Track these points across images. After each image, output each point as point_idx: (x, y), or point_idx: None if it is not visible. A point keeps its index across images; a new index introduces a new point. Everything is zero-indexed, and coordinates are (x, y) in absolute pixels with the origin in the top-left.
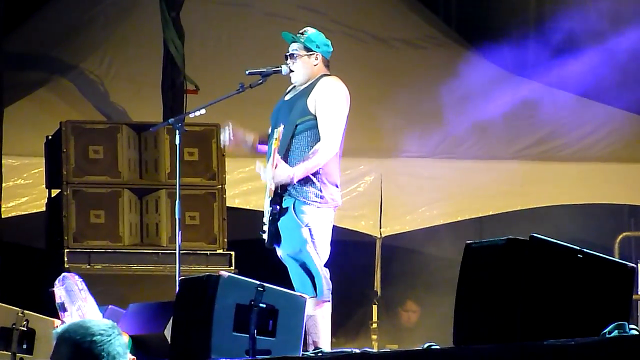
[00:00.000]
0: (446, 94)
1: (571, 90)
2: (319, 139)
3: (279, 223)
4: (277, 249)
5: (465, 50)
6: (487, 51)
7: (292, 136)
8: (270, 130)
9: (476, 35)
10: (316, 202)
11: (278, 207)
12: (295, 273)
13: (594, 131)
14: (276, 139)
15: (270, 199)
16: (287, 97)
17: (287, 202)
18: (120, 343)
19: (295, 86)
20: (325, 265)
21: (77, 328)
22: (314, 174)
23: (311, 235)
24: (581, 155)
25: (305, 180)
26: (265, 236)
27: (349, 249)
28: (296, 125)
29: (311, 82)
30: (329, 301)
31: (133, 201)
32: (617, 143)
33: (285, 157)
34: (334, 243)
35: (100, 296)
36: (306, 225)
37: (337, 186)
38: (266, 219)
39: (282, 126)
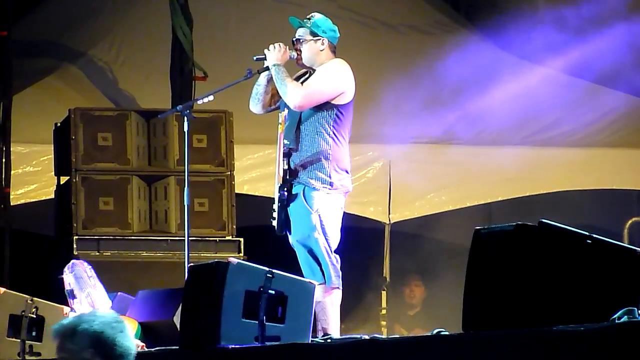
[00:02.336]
0: (454, 80)
1: (579, 75)
2: (327, 123)
3: (288, 209)
4: (288, 235)
5: (473, 36)
6: (496, 37)
7: (298, 123)
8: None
9: (485, 21)
10: (326, 188)
11: (286, 193)
12: (304, 259)
13: (602, 117)
14: (280, 124)
15: (279, 185)
16: None
17: (296, 188)
18: (129, 331)
19: (303, 72)
20: (334, 252)
21: (92, 318)
22: (324, 159)
23: (321, 221)
24: (590, 141)
25: (315, 167)
26: (274, 223)
27: (357, 235)
28: (301, 113)
29: (317, 68)
30: (338, 288)
31: (142, 188)
32: (626, 128)
33: (296, 144)
34: (342, 229)
35: (109, 283)
36: (316, 211)
37: (347, 172)
38: (275, 206)
39: (285, 111)
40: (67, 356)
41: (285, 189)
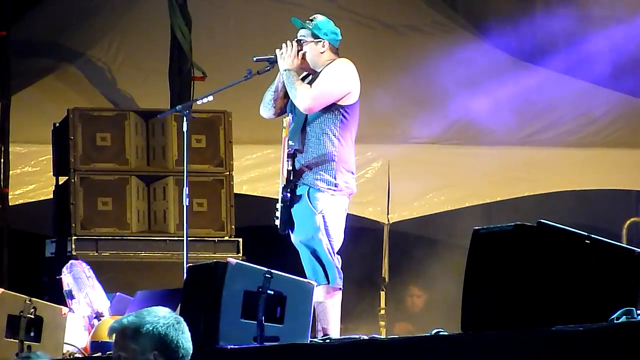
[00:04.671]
0: (453, 80)
1: (578, 76)
2: (333, 125)
3: (292, 210)
4: (291, 235)
5: (472, 36)
6: (494, 37)
7: (304, 124)
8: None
9: (483, 22)
10: (330, 189)
11: (289, 194)
12: (307, 260)
13: (601, 117)
14: (285, 128)
15: (283, 185)
16: None
17: (301, 189)
18: (187, 331)
19: (304, 75)
20: (336, 253)
21: (156, 319)
22: (330, 160)
23: (325, 222)
24: (589, 141)
25: (321, 168)
26: (277, 222)
27: (356, 235)
28: (307, 114)
29: (321, 69)
30: (340, 289)
31: (140, 188)
32: (625, 128)
33: (302, 145)
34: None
35: (107, 283)
36: (320, 213)
37: (352, 173)
38: (279, 206)
39: (290, 115)
40: (128, 356)
41: (289, 189)
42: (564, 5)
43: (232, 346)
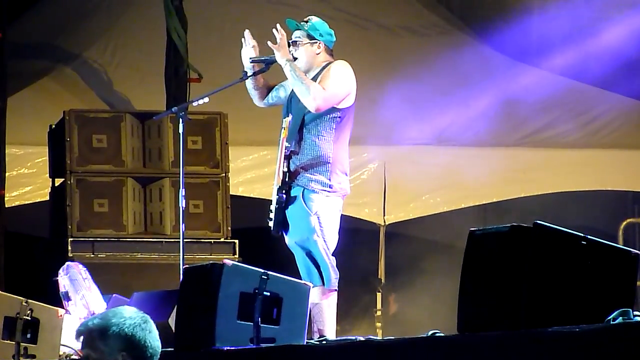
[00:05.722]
0: (449, 81)
1: (574, 77)
2: (330, 127)
3: (287, 211)
4: (285, 236)
5: (467, 37)
6: (490, 38)
7: (301, 126)
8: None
9: (479, 23)
10: (325, 190)
11: (285, 195)
12: (302, 261)
13: (597, 118)
14: (284, 129)
15: (278, 187)
16: None
17: (295, 190)
18: (154, 330)
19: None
20: (332, 254)
21: (122, 320)
22: (325, 162)
23: (320, 223)
24: (585, 142)
25: (316, 170)
26: (271, 224)
27: (352, 236)
28: (304, 115)
29: (317, 71)
30: (335, 290)
31: (137, 190)
32: (621, 129)
33: (298, 147)
34: (338, 231)
35: (104, 285)
36: (315, 214)
37: (346, 174)
38: (273, 207)
39: (290, 116)
40: (97, 356)
41: (284, 191)
42: (560, 6)
43: (228, 348)
